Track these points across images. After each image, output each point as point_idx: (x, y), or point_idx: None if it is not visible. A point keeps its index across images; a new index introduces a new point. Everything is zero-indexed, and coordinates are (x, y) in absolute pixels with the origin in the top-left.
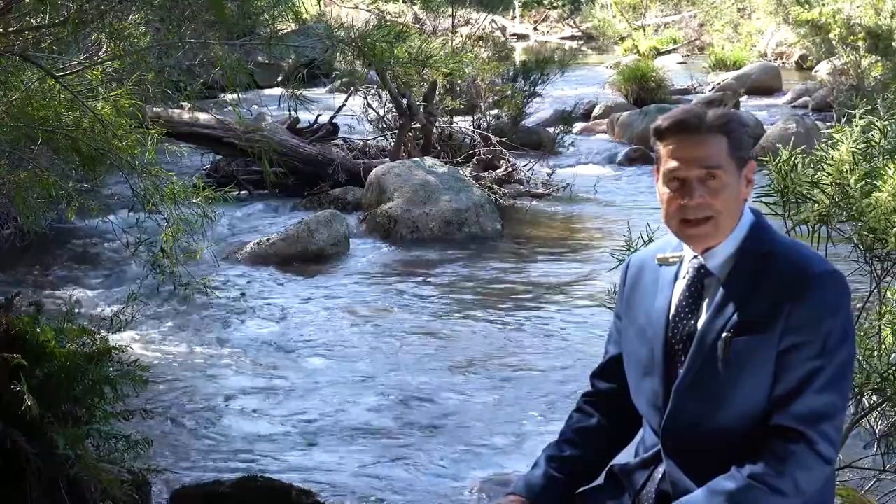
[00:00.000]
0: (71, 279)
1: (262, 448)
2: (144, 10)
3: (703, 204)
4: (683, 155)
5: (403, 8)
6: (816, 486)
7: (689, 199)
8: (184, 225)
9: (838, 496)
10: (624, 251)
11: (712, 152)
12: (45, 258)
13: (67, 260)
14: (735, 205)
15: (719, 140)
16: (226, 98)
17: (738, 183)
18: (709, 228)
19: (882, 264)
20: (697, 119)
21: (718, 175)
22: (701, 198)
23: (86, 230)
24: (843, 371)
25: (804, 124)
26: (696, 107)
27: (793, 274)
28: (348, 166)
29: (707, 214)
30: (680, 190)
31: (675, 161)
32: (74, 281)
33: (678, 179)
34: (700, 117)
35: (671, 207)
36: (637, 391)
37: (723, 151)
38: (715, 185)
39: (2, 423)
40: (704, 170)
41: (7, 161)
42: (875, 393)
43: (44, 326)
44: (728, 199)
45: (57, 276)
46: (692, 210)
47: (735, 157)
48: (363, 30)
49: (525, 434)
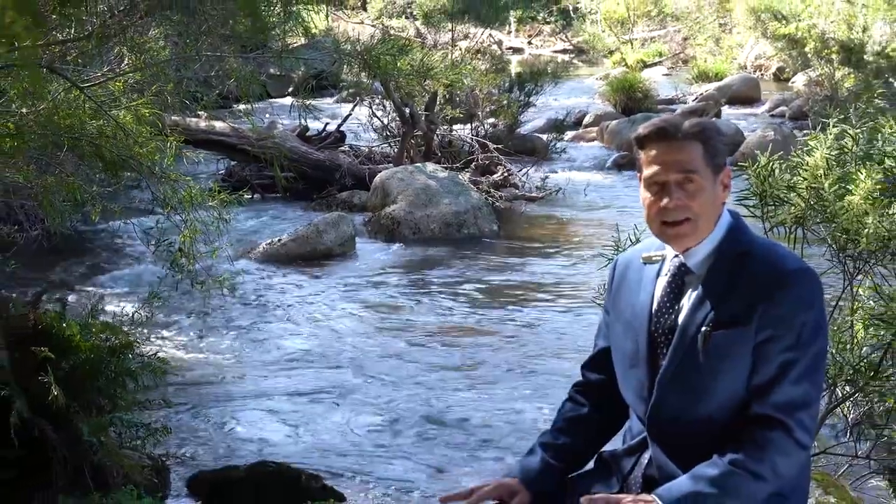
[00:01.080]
0: (95, 277)
1: (274, 435)
2: (164, 26)
3: (681, 206)
4: (662, 161)
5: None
6: (793, 471)
7: (668, 202)
8: (200, 226)
9: (814, 480)
10: (612, 251)
11: (689, 158)
12: (71, 258)
13: (91, 259)
14: (712, 207)
15: (695, 147)
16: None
17: (715, 187)
18: (687, 229)
19: (854, 263)
20: (674, 128)
21: (695, 179)
22: (679, 200)
23: (109, 232)
24: (817, 362)
25: (781, 132)
26: (674, 117)
27: (768, 271)
28: (354, 171)
29: (685, 216)
30: (660, 193)
31: (654, 166)
32: (98, 279)
33: (658, 184)
34: (677, 126)
35: (652, 210)
36: (624, 382)
37: (699, 157)
38: (692, 189)
39: (30, 413)
40: (682, 174)
41: (35, 166)
42: (848, 384)
43: (69, 322)
44: (705, 201)
45: (81, 274)
46: (671, 212)
47: (711, 163)
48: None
49: (521, 422)
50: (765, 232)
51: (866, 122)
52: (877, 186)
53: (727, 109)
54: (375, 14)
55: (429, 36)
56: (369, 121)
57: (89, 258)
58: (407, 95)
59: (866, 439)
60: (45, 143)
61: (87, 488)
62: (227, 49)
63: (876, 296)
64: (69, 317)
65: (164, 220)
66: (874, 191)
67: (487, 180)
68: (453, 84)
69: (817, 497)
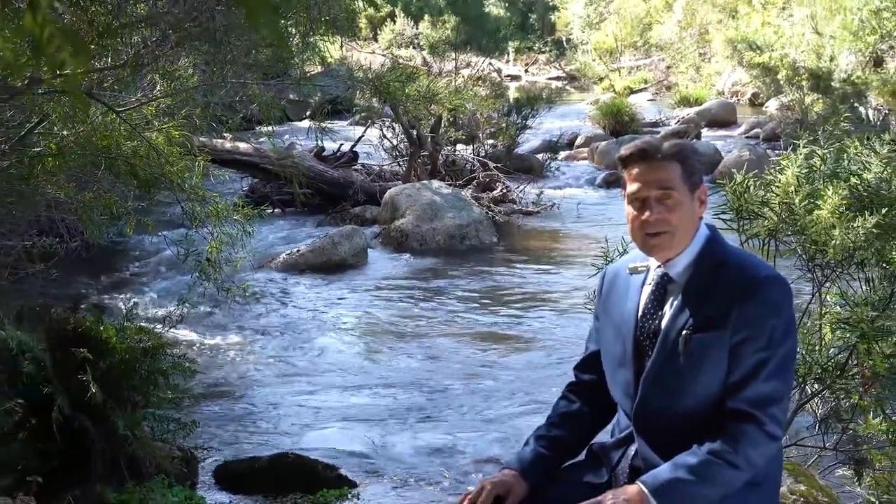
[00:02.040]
0: (129, 285)
1: (293, 429)
2: (192, 55)
3: (661, 219)
4: (643, 178)
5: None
6: (765, 461)
7: (648, 215)
8: (226, 238)
9: (786, 470)
10: (602, 261)
11: (667, 176)
12: (107, 267)
13: (126, 269)
14: (689, 221)
15: (674, 166)
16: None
17: (692, 203)
18: (665, 240)
19: (822, 272)
20: (654, 149)
21: (673, 195)
22: (658, 214)
23: (142, 243)
24: (787, 361)
25: (756, 152)
26: (655, 138)
27: (742, 279)
28: (366, 188)
29: (664, 229)
30: (641, 208)
31: (637, 184)
32: (132, 286)
33: (639, 199)
34: (657, 147)
35: (635, 224)
36: (612, 381)
37: (677, 176)
38: (670, 204)
39: (71, 409)
40: (661, 190)
41: (75, 184)
42: (816, 382)
43: (106, 325)
44: (682, 216)
45: (117, 282)
46: (651, 225)
47: (688, 181)
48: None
49: (518, 414)
50: (741, 243)
51: (833, 143)
52: (843, 202)
53: (706, 131)
54: (385, 44)
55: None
56: (380, 142)
57: (124, 268)
58: (414, 118)
59: (833, 433)
60: (84, 163)
61: (123, 478)
62: (250, 76)
63: (842, 302)
64: (106, 321)
65: (193, 232)
66: (840, 206)
67: (488, 196)
68: (456, 108)
69: (789, 485)
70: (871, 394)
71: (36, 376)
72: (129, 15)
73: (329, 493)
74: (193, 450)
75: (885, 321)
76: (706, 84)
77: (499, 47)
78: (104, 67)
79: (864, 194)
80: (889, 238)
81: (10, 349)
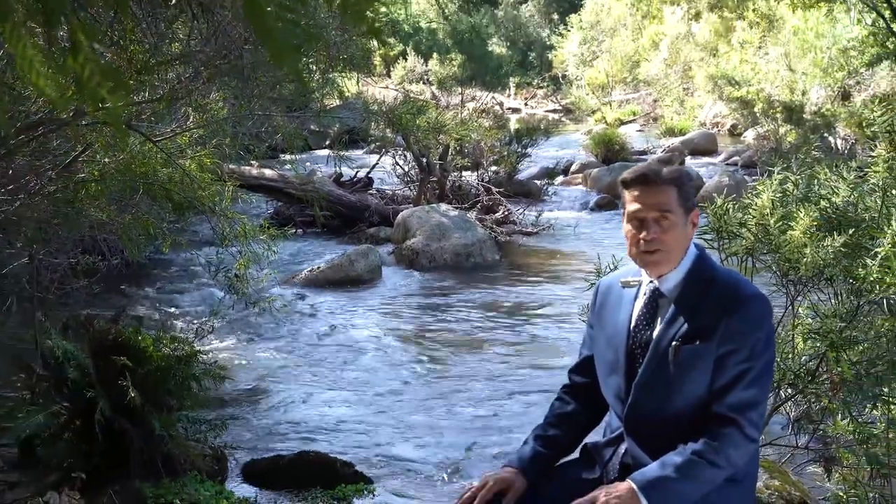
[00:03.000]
0: (165, 298)
1: (314, 429)
2: (222, 90)
3: (656, 239)
4: (643, 200)
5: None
6: (744, 460)
7: (645, 234)
8: (252, 256)
9: (762, 467)
10: (595, 276)
11: (665, 199)
12: (145, 283)
13: (162, 284)
14: (682, 242)
15: (671, 190)
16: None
17: (685, 225)
18: (660, 257)
19: (795, 287)
20: (654, 174)
21: (669, 217)
22: (655, 234)
23: (176, 261)
24: (766, 371)
25: (735, 178)
26: (654, 164)
27: (728, 295)
28: (380, 210)
29: (659, 247)
30: (639, 227)
31: (636, 205)
32: (168, 300)
33: (638, 219)
34: (657, 172)
35: (633, 241)
36: (605, 385)
37: (673, 199)
38: (666, 225)
39: (112, 412)
40: (658, 212)
41: (116, 206)
42: (790, 387)
43: (144, 335)
44: (676, 236)
45: (154, 296)
46: (648, 243)
47: (683, 205)
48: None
49: (519, 415)
50: (720, 261)
51: (805, 170)
52: (813, 223)
53: (690, 159)
54: (398, 80)
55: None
56: (393, 168)
57: (160, 283)
58: (424, 147)
59: (805, 433)
60: (124, 188)
61: (160, 475)
62: (275, 109)
63: (813, 314)
64: (144, 331)
65: (223, 251)
66: (811, 227)
67: (491, 218)
68: (462, 138)
69: (765, 481)
70: (839, 398)
71: (80, 382)
72: (165, 53)
73: (347, 487)
74: (223, 448)
75: (851, 331)
76: (689, 116)
77: (501, 82)
78: (142, 101)
79: (832, 216)
80: (855, 256)
81: (56, 357)
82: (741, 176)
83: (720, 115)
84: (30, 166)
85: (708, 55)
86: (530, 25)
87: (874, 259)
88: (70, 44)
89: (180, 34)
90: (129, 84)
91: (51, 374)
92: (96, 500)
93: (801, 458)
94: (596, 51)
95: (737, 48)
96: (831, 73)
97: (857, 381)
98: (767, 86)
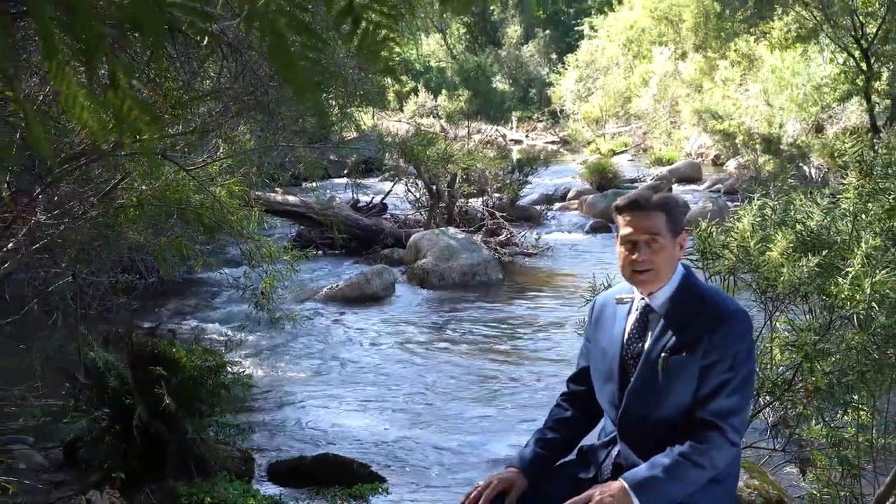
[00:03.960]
0: (197, 314)
1: (333, 433)
2: (249, 123)
3: (647, 260)
4: (634, 225)
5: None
6: (727, 462)
7: (637, 256)
8: (277, 275)
9: (742, 468)
10: (591, 294)
11: (655, 224)
12: (179, 299)
13: (194, 300)
14: (671, 262)
15: (660, 215)
16: (307, 185)
17: (674, 248)
18: (650, 277)
19: (773, 303)
20: (645, 200)
21: (658, 240)
22: (645, 255)
23: (208, 280)
24: (747, 380)
25: (718, 204)
26: (646, 191)
27: (712, 311)
28: (394, 233)
29: (649, 268)
30: (631, 249)
31: (628, 228)
32: (200, 315)
33: (630, 241)
34: (647, 199)
35: (625, 262)
36: (600, 393)
37: (662, 224)
38: (656, 247)
39: (149, 417)
40: (649, 235)
41: (152, 230)
42: (768, 394)
43: (178, 347)
44: (665, 258)
45: (187, 311)
46: (639, 264)
47: (672, 228)
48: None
49: (518, 420)
50: (705, 280)
51: (782, 196)
52: (790, 245)
53: (676, 186)
54: (410, 114)
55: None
56: (405, 195)
57: (193, 299)
58: (434, 175)
59: (782, 437)
60: (159, 213)
61: (192, 475)
62: (297, 141)
63: (789, 328)
64: (178, 344)
65: (250, 270)
66: (788, 248)
67: (495, 240)
68: (469, 167)
69: (745, 480)
70: (813, 405)
71: (120, 390)
72: (197, 90)
73: (363, 486)
74: (250, 451)
75: (824, 344)
76: (676, 147)
77: (504, 116)
78: (176, 133)
79: (807, 239)
80: (828, 275)
81: (98, 367)
82: (724, 202)
83: (704, 147)
84: (74, 193)
85: (693, 91)
86: (531, 64)
87: (845, 278)
88: (110, 81)
89: (211, 72)
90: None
91: (93, 382)
92: (134, 499)
93: (778, 459)
94: (591, 87)
95: (720, 85)
96: (806, 107)
97: (830, 389)
98: (748, 119)
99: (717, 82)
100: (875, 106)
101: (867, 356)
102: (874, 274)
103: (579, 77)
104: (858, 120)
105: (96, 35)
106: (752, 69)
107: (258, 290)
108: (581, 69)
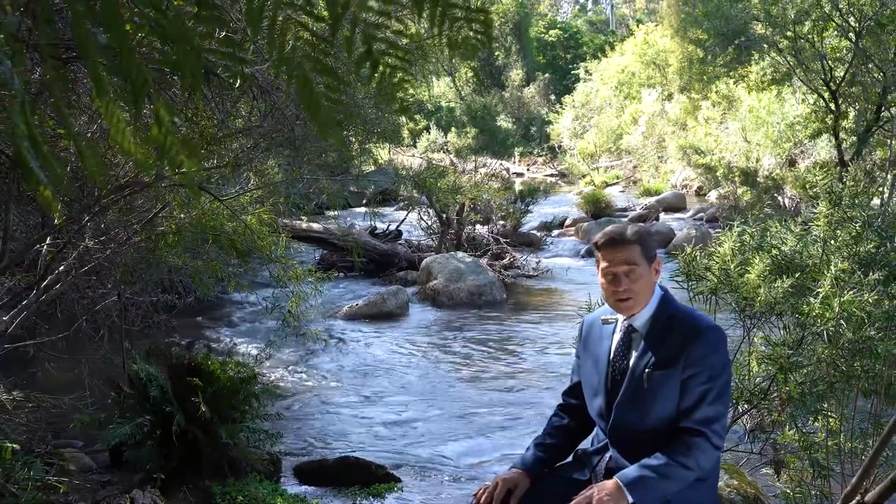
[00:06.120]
0: (230, 330)
1: (353, 437)
2: (277, 157)
3: (627, 289)
4: (612, 258)
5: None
6: (710, 464)
7: (617, 286)
8: (302, 295)
9: (723, 469)
10: (586, 311)
11: (630, 256)
12: (214, 317)
13: (228, 318)
14: (648, 287)
15: (635, 247)
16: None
17: (650, 273)
18: (631, 303)
19: (750, 320)
20: (620, 236)
21: (635, 270)
22: (626, 285)
23: (240, 299)
24: (724, 389)
25: (701, 230)
26: (619, 227)
27: (689, 328)
28: (408, 257)
29: (630, 296)
30: (612, 281)
31: (607, 262)
32: (233, 331)
33: (611, 273)
34: (622, 234)
35: (607, 292)
36: (590, 405)
37: (638, 255)
38: (634, 276)
39: (186, 423)
40: (627, 266)
41: (189, 254)
42: (746, 402)
43: (213, 360)
44: (643, 284)
45: (221, 328)
46: (621, 293)
47: (647, 257)
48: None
49: (519, 427)
50: (689, 300)
51: (759, 224)
52: (766, 268)
53: (663, 215)
54: (422, 149)
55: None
56: (418, 222)
57: (227, 317)
58: (444, 205)
59: (759, 441)
60: (196, 238)
61: (226, 476)
62: (321, 174)
63: (766, 343)
64: (213, 357)
65: (278, 290)
66: (764, 271)
67: (499, 263)
68: (476, 197)
69: (725, 480)
70: (787, 412)
71: (160, 399)
72: (230, 127)
73: (381, 486)
74: (278, 454)
75: (797, 357)
76: (663, 179)
77: (507, 152)
78: (211, 167)
79: (782, 262)
80: (801, 295)
81: (140, 378)
82: (706, 229)
83: (689, 179)
84: (118, 221)
85: (679, 129)
86: (532, 104)
87: (816, 298)
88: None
89: (243, 111)
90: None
91: (136, 392)
92: (173, 497)
93: (755, 461)
94: (586, 125)
95: (702, 123)
96: (780, 143)
97: (802, 398)
98: (727, 154)
99: (700, 121)
100: (843, 142)
101: (836, 368)
102: (842, 294)
103: (575, 116)
104: (828, 155)
105: (142, 77)
106: (731, 109)
107: (285, 308)
108: (577, 109)
